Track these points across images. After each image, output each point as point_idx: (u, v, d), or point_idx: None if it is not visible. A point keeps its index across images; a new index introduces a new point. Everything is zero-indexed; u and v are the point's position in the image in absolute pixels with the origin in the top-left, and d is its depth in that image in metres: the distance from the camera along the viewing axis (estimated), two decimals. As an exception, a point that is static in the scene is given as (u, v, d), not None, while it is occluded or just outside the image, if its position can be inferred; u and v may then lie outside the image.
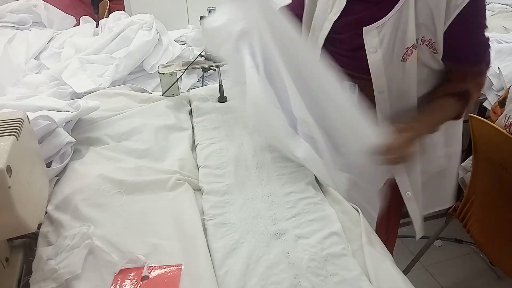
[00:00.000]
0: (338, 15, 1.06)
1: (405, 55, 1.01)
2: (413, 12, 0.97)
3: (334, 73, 0.99)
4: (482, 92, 1.68)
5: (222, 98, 1.40)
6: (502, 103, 1.39)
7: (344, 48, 1.09)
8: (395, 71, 1.03)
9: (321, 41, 1.11)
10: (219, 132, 1.21)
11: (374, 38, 1.01)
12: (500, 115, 1.32)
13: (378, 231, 0.96)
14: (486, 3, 1.03)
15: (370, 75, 1.05)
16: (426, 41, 1.00)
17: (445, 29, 0.98)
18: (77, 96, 1.47)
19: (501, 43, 1.80)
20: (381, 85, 1.06)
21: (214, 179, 1.02)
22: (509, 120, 1.23)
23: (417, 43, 1.00)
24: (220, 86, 1.40)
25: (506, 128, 1.20)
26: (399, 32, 0.99)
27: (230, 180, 1.01)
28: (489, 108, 1.66)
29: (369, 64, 1.04)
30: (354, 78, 1.09)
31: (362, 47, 1.03)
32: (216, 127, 1.24)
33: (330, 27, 1.08)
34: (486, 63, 1.08)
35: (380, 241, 0.88)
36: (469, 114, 1.29)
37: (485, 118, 1.25)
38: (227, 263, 0.80)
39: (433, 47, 1.01)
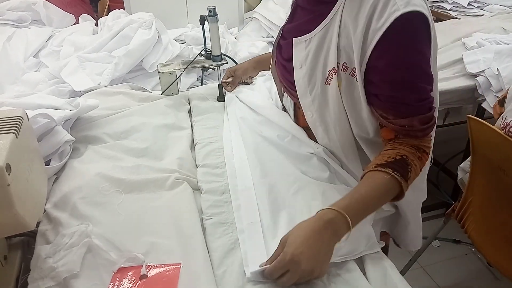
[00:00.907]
0: (286, 20, 1.04)
1: (328, 78, 0.92)
2: (336, 32, 0.88)
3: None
4: (480, 93, 1.68)
5: (221, 97, 1.40)
6: (501, 102, 1.39)
7: (284, 57, 1.05)
8: (320, 93, 0.95)
9: (275, 47, 1.11)
10: (218, 131, 1.21)
11: (301, 52, 0.95)
12: (499, 114, 1.33)
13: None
14: (428, 33, 0.84)
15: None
16: (349, 69, 0.88)
17: (363, 64, 0.85)
18: (76, 94, 1.46)
19: (500, 44, 1.80)
20: (307, 105, 0.98)
21: (212, 178, 1.02)
22: (505, 121, 1.23)
23: (337, 67, 0.90)
24: (220, 86, 1.40)
25: (503, 129, 1.21)
26: (323, 51, 0.91)
27: (228, 180, 1.01)
28: (488, 109, 1.66)
29: (295, 79, 0.98)
30: (290, 93, 1.04)
31: (292, 58, 0.98)
32: (215, 126, 1.24)
33: (281, 32, 1.07)
34: (422, 118, 0.85)
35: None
36: (467, 115, 1.30)
37: (484, 120, 1.25)
38: (226, 262, 0.81)
39: (355, 80, 0.88)
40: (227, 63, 1.42)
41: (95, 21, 2.07)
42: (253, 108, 1.23)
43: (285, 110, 1.19)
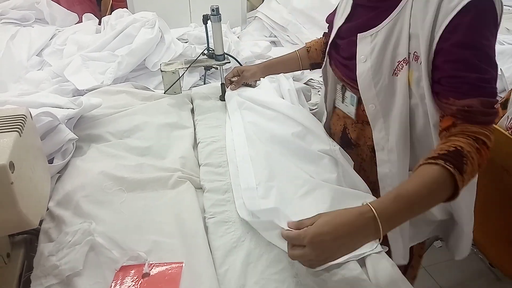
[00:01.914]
0: (344, 20, 1.04)
1: (396, 69, 0.91)
2: (408, 22, 0.87)
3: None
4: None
5: (224, 97, 1.40)
6: (504, 104, 1.39)
7: (343, 55, 1.05)
8: (386, 85, 0.94)
9: (328, 48, 1.10)
10: (220, 130, 1.22)
11: (367, 46, 0.95)
12: (502, 117, 1.32)
13: None
14: (496, 24, 0.82)
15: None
16: (420, 58, 0.87)
17: (431, 51, 0.84)
18: (79, 93, 1.47)
19: (504, 44, 1.80)
20: (370, 98, 0.97)
21: (215, 177, 1.02)
22: (511, 122, 1.23)
23: (408, 58, 0.89)
24: (222, 85, 1.40)
25: (508, 130, 1.20)
26: (391, 42, 0.91)
27: (231, 179, 1.01)
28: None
29: (357, 73, 0.97)
30: (353, 89, 1.04)
31: (355, 56, 0.98)
32: (218, 125, 1.24)
33: (335, 32, 1.06)
34: (484, 101, 0.80)
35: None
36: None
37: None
38: (228, 261, 0.81)
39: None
40: (229, 62, 1.42)
41: (98, 20, 2.07)
42: (265, 104, 1.23)
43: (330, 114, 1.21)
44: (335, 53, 1.09)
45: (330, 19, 1.17)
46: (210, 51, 1.41)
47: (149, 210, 0.92)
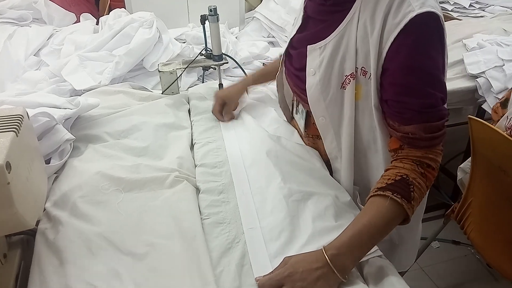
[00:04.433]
0: (296, 31, 1.02)
1: (344, 83, 0.90)
2: (354, 36, 0.86)
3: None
4: (481, 94, 1.68)
5: (221, 97, 1.40)
6: (504, 104, 1.39)
7: (295, 66, 1.03)
8: (335, 98, 0.93)
9: (283, 57, 1.10)
10: (216, 131, 1.21)
11: (316, 59, 0.93)
12: (502, 116, 1.32)
13: None
14: (441, 36, 0.82)
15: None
16: (368, 74, 0.86)
17: (379, 67, 0.84)
18: (76, 93, 1.46)
19: (501, 45, 1.80)
20: (320, 110, 0.96)
21: (210, 178, 1.02)
22: (510, 122, 1.23)
23: (356, 72, 0.88)
24: (220, 85, 1.40)
25: (507, 130, 1.20)
26: (338, 56, 0.89)
27: (226, 179, 1.01)
28: (488, 111, 1.66)
29: (306, 86, 0.96)
30: (303, 102, 1.03)
31: (305, 67, 0.97)
32: (214, 126, 1.24)
33: (288, 42, 1.05)
34: (428, 127, 0.82)
35: None
36: (468, 116, 1.30)
37: (484, 121, 1.25)
38: (222, 262, 0.81)
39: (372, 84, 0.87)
40: (227, 62, 1.42)
41: (96, 20, 2.07)
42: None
43: (290, 119, 1.21)
44: (288, 64, 1.07)
45: None
46: (208, 52, 1.41)
47: (146, 211, 0.92)
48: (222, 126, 1.24)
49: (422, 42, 0.80)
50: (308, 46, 0.95)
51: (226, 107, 1.26)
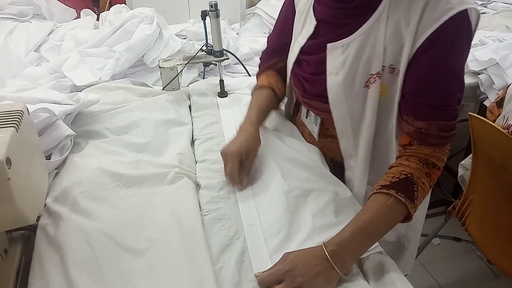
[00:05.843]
0: (307, 37, 0.98)
1: (368, 82, 0.89)
2: (382, 34, 0.84)
3: None
4: (482, 91, 1.68)
5: (222, 93, 1.40)
6: (499, 103, 1.38)
7: (309, 71, 1.00)
8: (357, 96, 0.91)
9: (290, 65, 1.06)
10: (217, 127, 1.21)
11: (338, 58, 0.90)
12: (497, 116, 1.32)
13: None
14: (470, 39, 0.83)
15: (327, 102, 0.95)
16: (396, 70, 0.85)
17: (410, 58, 0.82)
18: (77, 89, 1.46)
19: (503, 42, 1.79)
20: (340, 111, 0.94)
21: (210, 174, 1.02)
22: (508, 122, 1.23)
23: (383, 71, 0.86)
24: (221, 81, 1.40)
25: (504, 130, 1.20)
26: (364, 55, 0.87)
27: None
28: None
29: (327, 86, 0.93)
30: (315, 109, 1.02)
31: (325, 71, 0.94)
32: (214, 122, 1.24)
33: (299, 50, 1.01)
34: (442, 125, 0.83)
35: None
36: (469, 113, 1.29)
37: (485, 118, 1.25)
38: (222, 258, 0.81)
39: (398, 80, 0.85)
40: (228, 58, 1.42)
41: (96, 15, 2.06)
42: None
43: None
44: (299, 71, 1.04)
45: (274, 38, 1.15)
46: (208, 47, 1.41)
47: (147, 206, 0.92)
48: (222, 122, 1.24)
49: (456, 41, 0.80)
50: (328, 44, 0.92)
51: (244, 166, 0.98)
